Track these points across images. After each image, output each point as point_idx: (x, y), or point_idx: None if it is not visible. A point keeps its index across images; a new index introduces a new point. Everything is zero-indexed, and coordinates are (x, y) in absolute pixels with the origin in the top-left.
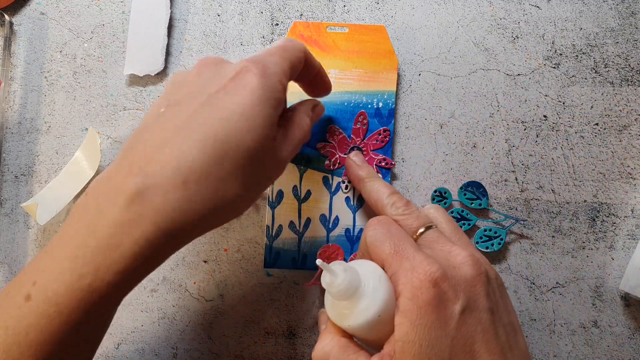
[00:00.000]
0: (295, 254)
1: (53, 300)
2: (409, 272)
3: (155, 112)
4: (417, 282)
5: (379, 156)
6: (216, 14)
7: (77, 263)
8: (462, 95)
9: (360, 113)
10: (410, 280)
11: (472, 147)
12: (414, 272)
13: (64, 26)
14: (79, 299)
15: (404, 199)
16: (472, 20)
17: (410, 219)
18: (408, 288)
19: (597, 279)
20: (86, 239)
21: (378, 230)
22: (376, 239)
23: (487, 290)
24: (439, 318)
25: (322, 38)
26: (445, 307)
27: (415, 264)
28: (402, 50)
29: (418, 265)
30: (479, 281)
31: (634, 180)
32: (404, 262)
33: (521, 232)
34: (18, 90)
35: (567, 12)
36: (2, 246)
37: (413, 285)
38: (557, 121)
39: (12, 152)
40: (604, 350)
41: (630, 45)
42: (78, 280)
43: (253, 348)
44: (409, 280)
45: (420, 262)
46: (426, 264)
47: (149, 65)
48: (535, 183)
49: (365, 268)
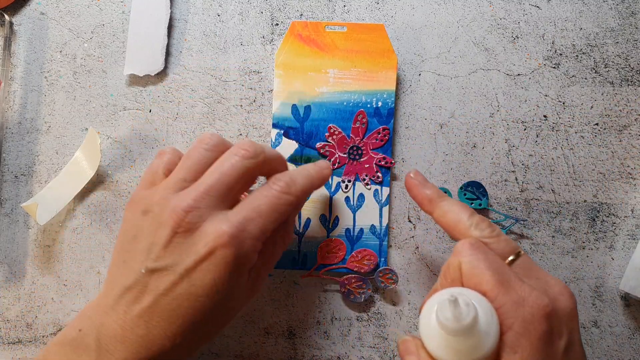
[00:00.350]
0: (295, 254)
1: None
2: (518, 305)
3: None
4: (528, 316)
5: (379, 155)
6: (216, 14)
7: None
8: (462, 95)
9: (359, 112)
10: (522, 314)
11: (472, 147)
12: (525, 306)
13: (64, 26)
14: None
15: (487, 220)
16: (472, 20)
17: (501, 244)
18: (519, 322)
19: (597, 279)
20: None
21: (476, 256)
22: (475, 266)
23: (577, 322)
24: (548, 355)
25: (321, 37)
26: (553, 342)
27: (524, 296)
28: (402, 50)
29: (527, 298)
30: (575, 314)
31: (634, 180)
32: (511, 294)
33: (521, 232)
34: (18, 90)
35: (567, 12)
36: (2, 246)
37: (524, 319)
38: (557, 121)
39: (12, 152)
40: (604, 350)
41: (630, 45)
42: None
43: (253, 348)
44: (519, 314)
45: (529, 295)
46: (535, 297)
47: (149, 65)
48: (535, 183)
49: (475, 300)
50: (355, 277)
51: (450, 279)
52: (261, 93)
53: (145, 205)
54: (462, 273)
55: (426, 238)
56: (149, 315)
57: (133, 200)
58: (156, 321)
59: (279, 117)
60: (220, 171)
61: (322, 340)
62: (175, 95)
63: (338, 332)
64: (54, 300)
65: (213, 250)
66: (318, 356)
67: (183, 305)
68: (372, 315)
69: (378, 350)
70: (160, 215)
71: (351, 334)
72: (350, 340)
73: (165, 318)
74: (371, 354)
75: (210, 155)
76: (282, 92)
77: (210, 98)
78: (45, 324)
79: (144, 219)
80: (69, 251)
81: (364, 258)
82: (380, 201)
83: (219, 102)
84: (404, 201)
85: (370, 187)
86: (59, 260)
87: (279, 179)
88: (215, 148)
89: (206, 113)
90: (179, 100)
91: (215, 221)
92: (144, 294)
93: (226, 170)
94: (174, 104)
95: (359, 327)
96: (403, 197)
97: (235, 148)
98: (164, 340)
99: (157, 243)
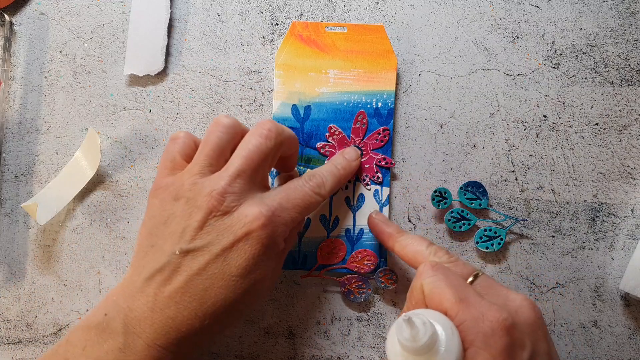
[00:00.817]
0: (295, 254)
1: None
2: (478, 321)
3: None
4: (489, 331)
5: (379, 155)
6: (216, 14)
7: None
8: (462, 95)
9: (359, 113)
10: (482, 329)
11: (472, 147)
12: (485, 321)
13: (64, 26)
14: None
15: (443, 248)
16: (472, 20)
17: (459, 267)
18: (480, 337)
19: (597, 279)
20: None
21: (436, 277)
22: (436, 286)
23: (544, 333)
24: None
25: (321, 38)
26: (516, 355)
27: (483, 311)
28: (402, 50)
29: (487, 313)
30: (540, 324)
31: (634, 180)
32: (471, 310)
33: (521, 232)
34: (18, 90)
35: (567, 12)
36: (2, 246)
37: (485, 334)
38: (557, 121)
39: (12, 152)
40: (604, 350)
41: (630, 45)
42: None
43: (253, 348)
44: (480, 330)
45: (487, 310)
46: (495, 311)
47: (149, 65)
48: (535, 183)
49: (434, 319)
50: (355, 277)
51: (414, 301)
52: (261, 93)
53: (176, 191)
54: (425, 294)
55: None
56: (180, 296)
57: (159, 186)
58: (187, 301)
59: (279, 118)
60: (246, 154)
61: (322, 340)
62: (175, 95)
63: (338, 332)
64: (54, 300)
65: (250, 232)
66: (318, 356)
67: (216, 284)
68: (372, 315)
69: (378, 350)
70: (195, 200)
71: (351, 334)
72: (350, 340)
73: (196, 298)
74: (371, 354)
75: (229, 138)
76: (283, 93)
77: (210, 98)
78: (45, 324)
79: (175, 204)
80: (69, 251)
81: (364, 258)
82: (380, 201)
83: (219, 102)
84: (404, 201)
85: (371, 187)
86: (59, 260)
87: (313, 176)
88: (232, 130)
89: (206, 113)
90: (179, 100)
91: (253, 204)
92: (176, 275)
93: (252, 153)
94: (174, 104)
95: (359, 327)
96: (403, 198)
97: (258, 129)
98: (194, 320)
99: (191, 225)
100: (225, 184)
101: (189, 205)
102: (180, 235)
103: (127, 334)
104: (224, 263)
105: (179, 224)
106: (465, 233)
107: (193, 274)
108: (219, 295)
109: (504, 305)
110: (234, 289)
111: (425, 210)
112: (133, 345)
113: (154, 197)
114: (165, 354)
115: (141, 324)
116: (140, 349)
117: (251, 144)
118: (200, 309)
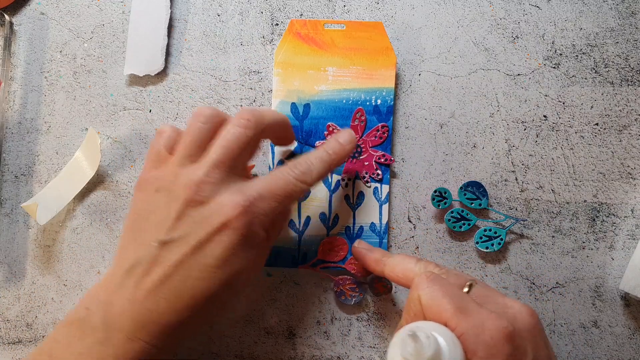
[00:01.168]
0: (295, 252)
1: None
2: (479, 331)
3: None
4: (490, 341)
5: (378, 152)
6: (216, 14)
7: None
8: (462, 95)
9: (357, 110)
10: (483, 339)
11: (472, 147)
12: (485, 330)
13: (64, 26)
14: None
15: (432, 262)
16: (472, 20)
17: (452, 277)
18: (482, 348)
19: (597, 279)
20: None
21: (433, 287)
22: (433, 297)
23: (544, 338)
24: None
25: (320, 35)
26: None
27: (483, 320)
28: (402, 50)
29: (486, 322)
30: (539, 330)
31: (634, 180)
32: (470, 320)
33: (521, 232)
34: (18, 90)
35: (567, 12)
36: (2, 246)
37: (487, 344)
38: (557, 121)
39: (12, 152)
40: (604, 350)
41: (630, 45)
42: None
43: (253, 348)
44: (481, 340)
45: (487, 319)
46: (495, 320)
47: (149, 65)
48: (535, 183)
49: (436, 331)
50: (350, 279)
51: (412, 313)
52: (261, 93)
53: (157, 183)
54: (422, 305)
55: (426, 238)
56: (159, 288)
57: (143, 180)
58: (166, 294)
59: None
60: (224, 144)
61: (322, 340)
62: (175, 95)
63: (338, 332)
64: (54, 300)
65: (227, 222)
66: (318, 356)
67: (193, 276)
68: (372, 315)
69: (378, 350)
70: (173, 191)
71: (351, 334)
72: (350, 340)
73: (174, 291)
74: (371, 354)
75: (209, 127)
76: (281, 91)
77: (210, 98)
78: (45, 324)
79: (157, 196)
80: (69, 251)
81: None
82: (380, 199)
83: (219, 102)
84: (403, 201)
85: (370, 184)
86: (59, 260)
87: (299, 163)
88: (211, 120)
89: None
90: (179, 100)
91: (230, 194)
92: (155, 267)
93: (230, 143)
94: (174, 104)
95: (359, 327)
96: (403, 197)
97: (236, 119)
98: (173, 313)
99: (170, 216)
100: (202, 174)
101: (168, 196)
102: (160, 226)
103: (108, 327)
104: (202, 254)
105: (158, 216)
106: (465, 233)
107: (171, 265)
108: (196, 287)
109: (503, 313)
110: (212, 280)
111: (425, 210)
112: (114, 339)
113: (138, 190)
114: (147, 348)
115: (121, 318)
116: (121, 342)
117: (230, 133)
118: (178, 302)
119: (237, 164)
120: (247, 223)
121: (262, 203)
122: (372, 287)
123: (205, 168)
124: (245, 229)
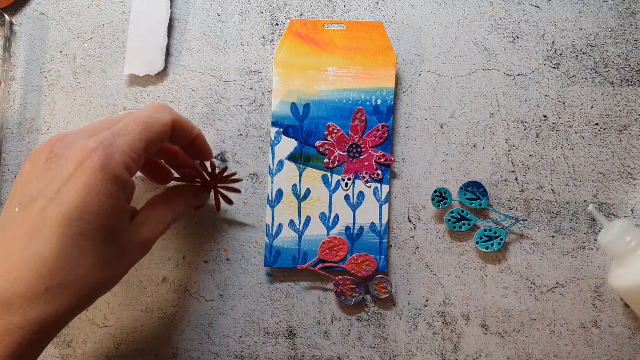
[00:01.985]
0: (296, 252)
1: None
2: None
3: (10, 212)
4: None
5: (378, 152)
6: (216, 14)
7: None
8: (462, 95)
9: (357, 110)
10: None
11: (472, 147)
12: None
13: (64, 26)
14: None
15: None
16: (472, 20)
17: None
18: None
19: (597, 279)
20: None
21: None
22: None
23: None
24: None
25: (320, 35)
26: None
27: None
28: (402, 50)
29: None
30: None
31: (634, 180)
32: None
33: (521, 232)
34: (18, 90)
35: (567, 12)
36: None
37: None
38: (557, 121)
39: (12, 152)
40: (604, 350)
41: (630, 45)
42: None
43: (253, 348)
44: None
45: None
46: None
47: (149, 65)
48: (535, 183)
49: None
50: (350, 279)
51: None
52: (261, 93)
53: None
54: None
55: (426, 238)
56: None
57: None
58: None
59: (278, 116)
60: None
61: (322, 340)
62: (175, 95)
63: (338, 332)
64: None
65: (81, 161)
66: (318, 356)
67: (55, 232)
68: (372, 315)
69: (378, 350)
70: (38, 155)
71: (351, 334)
72: (350, 340)
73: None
74: (371, 354)
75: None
76: (281, 91)
77: (210, 98)
78: None
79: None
80: None
81: (364, 263)
82: (380, 199)
83: (219, 102)
84: (403, 201)
85: (370, 184)
86: None
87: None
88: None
89: (206, 113)
90: (179, 100)
91: (81, 139)
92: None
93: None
94: (174, 104)
95: (359, 327)
96: (403, 197)
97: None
98: (38, 281)
99: (31, 177)
100: (62, 134)
101: (32, 162)
102: (21, 189)
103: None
104: (59, 204)
105: (23, 180)
106: (465, 233)
107: (29, 225)
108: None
109: None
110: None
111: (425, 210)
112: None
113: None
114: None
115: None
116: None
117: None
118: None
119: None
120: (102, 159)
121: (118, 140)
122: (372, 287)
123: (72, 131)
124: (98, 167)
